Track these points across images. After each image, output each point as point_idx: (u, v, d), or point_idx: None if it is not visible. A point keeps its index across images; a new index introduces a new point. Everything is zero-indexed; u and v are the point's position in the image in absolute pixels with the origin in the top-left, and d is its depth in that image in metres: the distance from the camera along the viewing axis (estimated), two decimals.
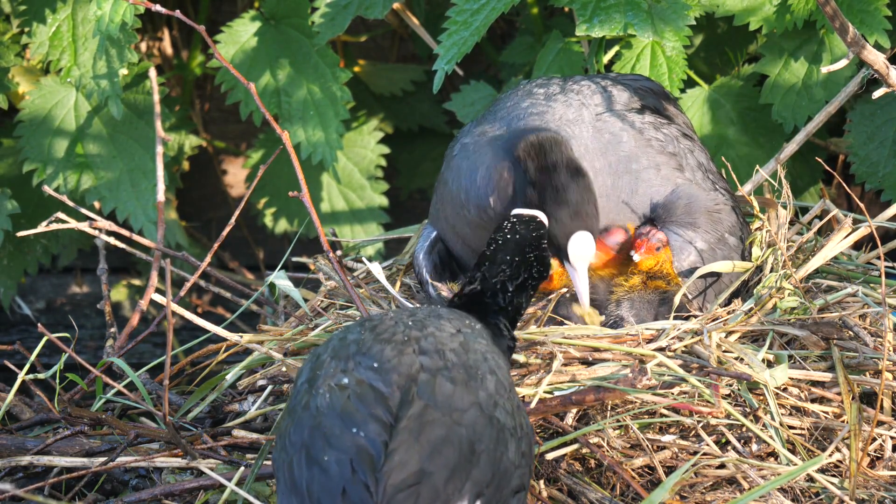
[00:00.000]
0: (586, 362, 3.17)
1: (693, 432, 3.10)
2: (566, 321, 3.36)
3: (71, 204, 4.13)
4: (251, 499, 3.02)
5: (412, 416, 2.52)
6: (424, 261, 3.52)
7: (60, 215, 4.01)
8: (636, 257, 3.36)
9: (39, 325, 3.45)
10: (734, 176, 3.67)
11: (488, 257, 3.00)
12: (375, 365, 2.60)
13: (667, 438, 3.09)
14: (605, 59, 4.12)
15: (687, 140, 3.53)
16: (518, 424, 2.65)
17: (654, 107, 3.55)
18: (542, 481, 3.06)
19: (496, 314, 2.93)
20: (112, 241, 4.10)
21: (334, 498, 2.46)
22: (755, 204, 3.61)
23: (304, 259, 4.08)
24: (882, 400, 3.16)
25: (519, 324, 3.34)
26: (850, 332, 3.27)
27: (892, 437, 3.17)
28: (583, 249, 3.25)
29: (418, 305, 2.94)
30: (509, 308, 2.95)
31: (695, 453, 3.08)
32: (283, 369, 3.31)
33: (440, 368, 2.60)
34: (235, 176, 5.24)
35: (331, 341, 2.73)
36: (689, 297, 3.39)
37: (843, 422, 3.14)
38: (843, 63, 3.49)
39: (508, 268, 2.98)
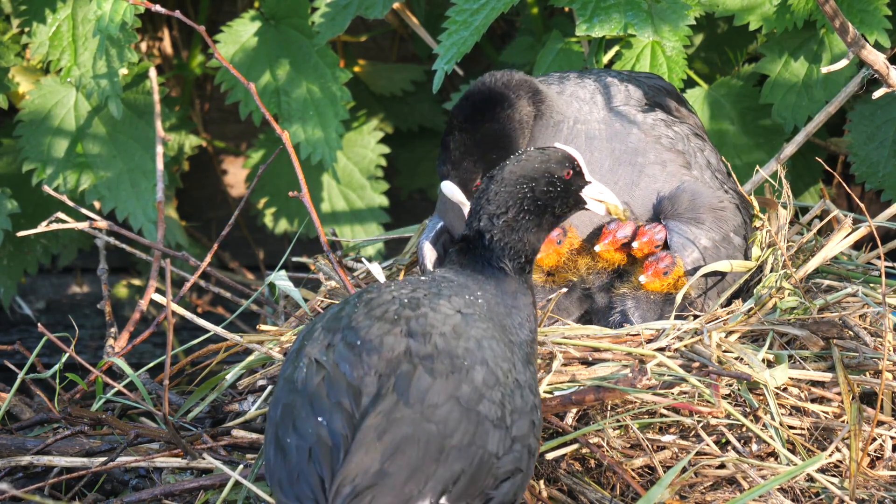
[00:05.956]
0: (586, 362, 3.17)
1: (693, 432, 3.10)
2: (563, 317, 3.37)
3: (71, 204, 4.12)
4: (257, 490, 3.02)
5: (381, 412, 2.50)
6: (428, 250, 3.52)
7: (60, 215, 4.00)
8: (635, 245, 3.36)
9: (39, 325, 3.45)
10: (734, 176, 3.67)
11: (481, 194, 2.88)
12: (358, 343, 2.59)
13: (667, 438, 3.09)
14: (605, 59, 4.12)
15: (697, 139, 3.53)
16: (513, 407, 2.60)
17: (665, 105, 3.55)
18: (542, 481, 3.05)
19: (499, 258, 2.84)
20: (112, 241, 4.10)
21: (292, 482, 2.49)
22: (755, 204, 3.61)
23: (304, 259, 4.08)
24: (882, 400, 3.16)
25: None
26: (850, 332, 3.26)
27: (892, 437, 3.17)
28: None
29: (423, 278, 2.83)
30: (505, 247, 2.84)
31: (695, 453, 3.08)
32: None
33: (423, 357, 2.56)
34: (235, 176, 5.24)
35: (332, 309, 2.72)
36: (693, 296, 3.39)
37: (843, 422, 3.14)
38: (843, 63, 3.49)
39: (497, 204, 2.86)
